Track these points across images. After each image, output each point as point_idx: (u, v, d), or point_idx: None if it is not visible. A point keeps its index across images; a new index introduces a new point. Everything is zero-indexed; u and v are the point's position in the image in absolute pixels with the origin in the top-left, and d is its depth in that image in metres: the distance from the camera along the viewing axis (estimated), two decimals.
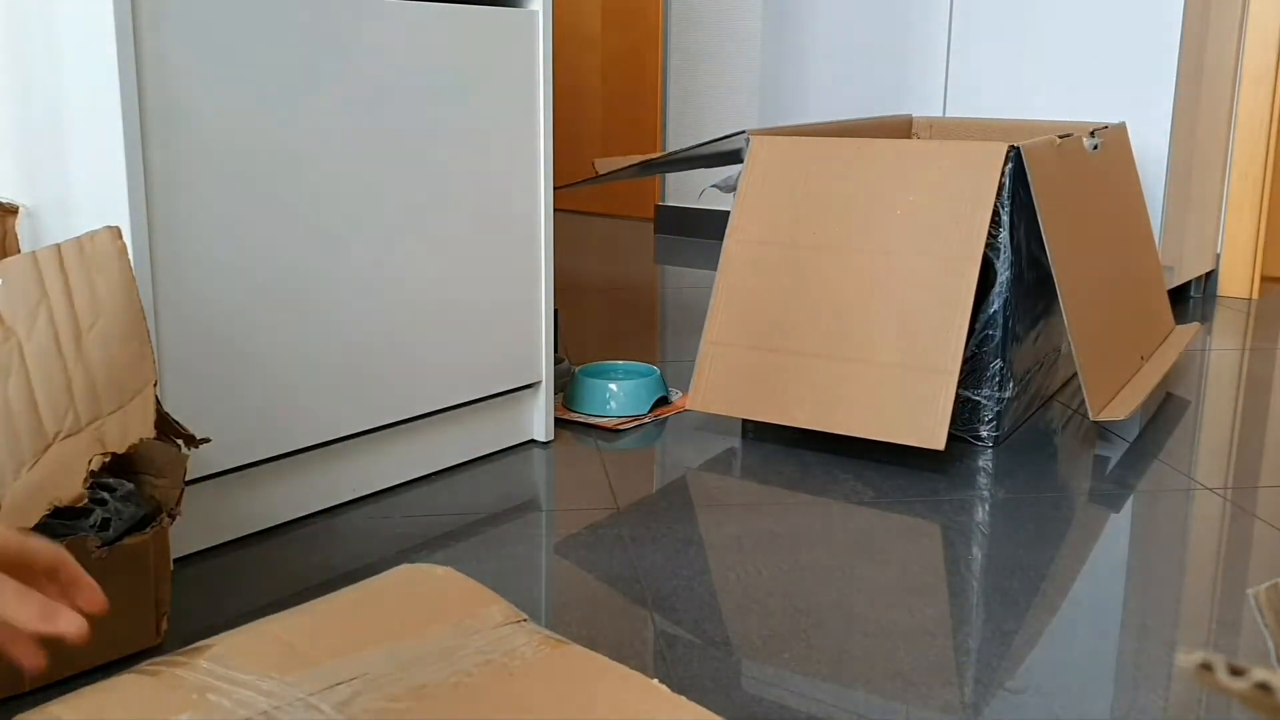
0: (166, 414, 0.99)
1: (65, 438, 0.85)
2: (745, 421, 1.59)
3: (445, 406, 1.36)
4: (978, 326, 1.48)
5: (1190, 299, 2.55)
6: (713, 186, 1.85)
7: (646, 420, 1.62)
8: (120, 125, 1.00)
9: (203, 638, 0.75)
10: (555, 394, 1.56)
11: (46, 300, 0.85)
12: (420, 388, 1.33)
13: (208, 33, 1.06)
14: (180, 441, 1.00)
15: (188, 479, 1.06)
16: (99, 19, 0.99)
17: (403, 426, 1.34)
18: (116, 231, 0.89)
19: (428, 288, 1.32)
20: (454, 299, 1.35)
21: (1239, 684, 0.31)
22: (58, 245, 0.87)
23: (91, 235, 0.89)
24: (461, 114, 1.32)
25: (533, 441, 1.51)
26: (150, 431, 0.90)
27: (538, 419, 1.51)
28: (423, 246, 1.30)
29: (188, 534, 1.14)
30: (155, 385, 0.91)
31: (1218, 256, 2.58)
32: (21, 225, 1.11)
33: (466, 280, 1.36)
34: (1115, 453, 1.51)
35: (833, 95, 2.61)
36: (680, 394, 1.72)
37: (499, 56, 1.36)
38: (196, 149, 1.07)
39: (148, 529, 0.92)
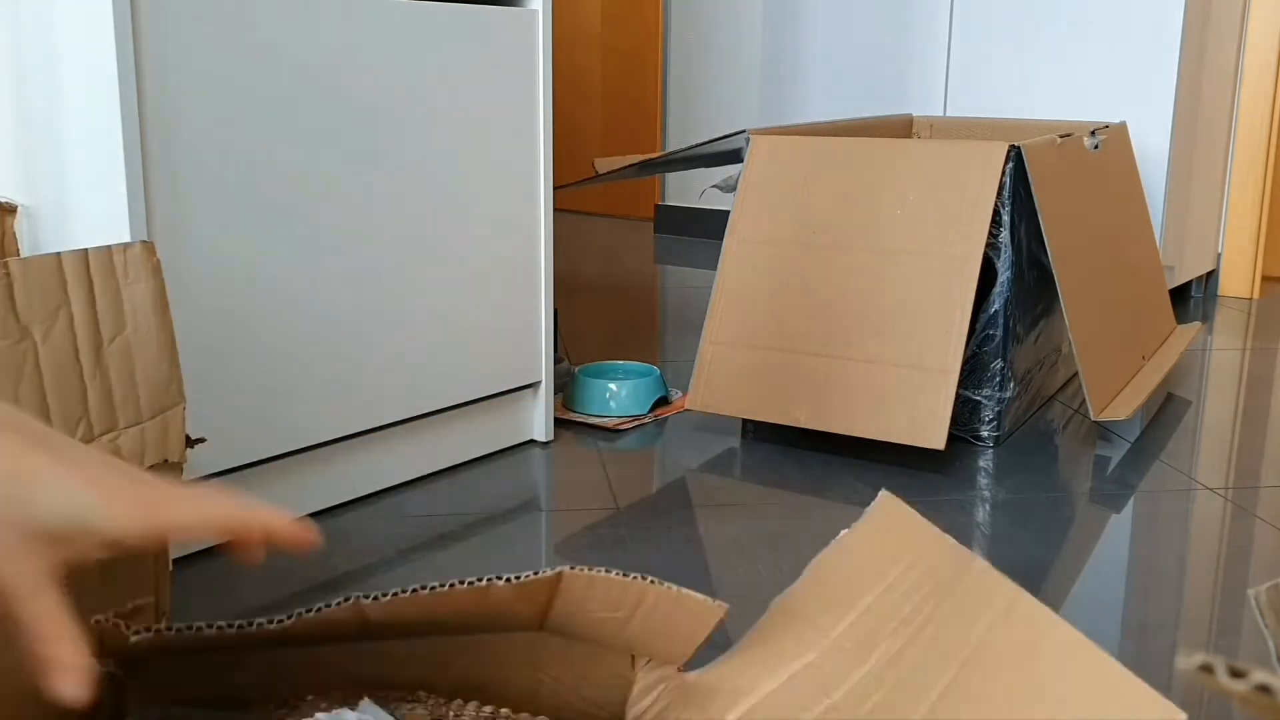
0: None
1: None
2: (745, 421, 1.59)
3: (445, 406, 1.36)
4: (978, 326, 1.48)
5: (1191, 299, 2.54)
6: (713, 187, 1.85)
7: (646, 420, 1.62)
8: (119, 123, 1.00)
9: None
10: (555, 394, 1.56)
11: (67, 304, 0.84)
12: (420, 387, 1.32)
13: (206, 32, 1.06)
14: None
15: (184, 479, 1.06)
16: (98, 18, 0.99)
17: (403, 426, 1.33)
18: (151, 247, 0.88)
19: (427, 287, 1.31)
20: (454, 299, 1.35)
21: (1239, 686, 0.30)
22: (85, 250, 0.86)
23: (124, 246, 0.88)
24: (461, 114, 1.32)
25: (533, 441, 1.51)
26: (179, 456, 0.89)
27: (538, 419, 1.51)
28: (422, 246, 1.30)
29: None
30: (184, 410, 0.90)
31: (1219, 256, 2.57)
32: (20, 224, 1.11)
33: (466, 280, 1.36)
34: (1116, 453, 1.51)
35: (833, 95, 2.61)
36: (680, 394, 1.71)
37: (499, 56, 1.36)
38: (195, 148, 1.07)
39: None
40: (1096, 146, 1.71)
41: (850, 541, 0.74)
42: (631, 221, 3.61)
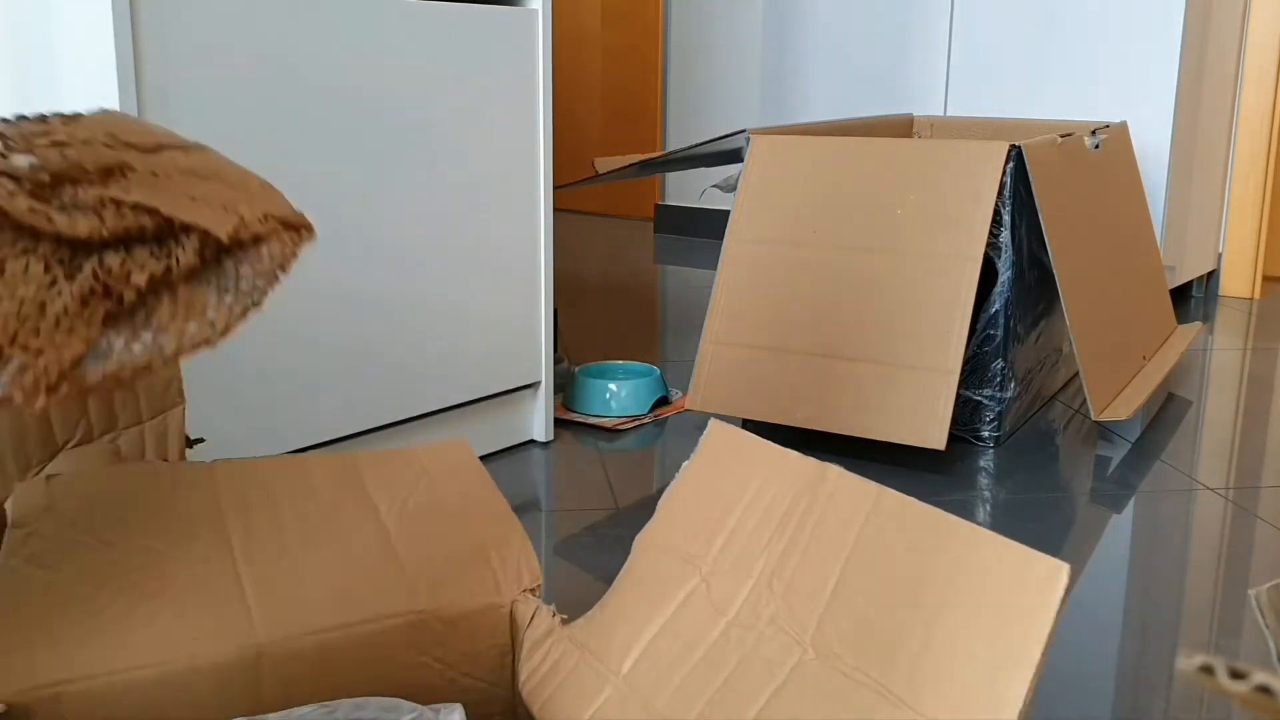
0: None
1: (74, 446, 0.84)
2: (745, 421, 1.58)
3: (445, 406, 1.36)
4: (979, 326, 1.48)
5: (1192, 298, 2.54)
6: (713, 186, 1.85)
7: (646, 420, 1.62)
8: None
9: None
10: (555, 394, 1.56)
11: None
12: (420, 388, 1.32)
13: (207, 33, 1.06)
14: None
15: None
16: (98, 20, 0.99)
17: (402, 426, 1.33)
18: None
19: (427, 288, 1.31)
20: (453, 299, 1.35)
21: (1239, 687, 0.30)
22: None
23: None
24: (460, 113, 1.32)
25: (532, 442, 1.51)
26: (179, 456, 0.89)
27: (537, 419, 1.50)
28: (420, 247, 1.30)
29: None
30: (184, 410, 0.90)
31: (1219, 256, 2.57)
32: None
33: (465, 280, 1.36)
34: (1117, 453, 1.51)
35: (833, 94, 2.60)
36: (680, 394, 1.71)
37: (499, 56, 1.35)
38: None
39: None
40: (1097, 146, 1.71)
41: (694, 472, 0.74)
42: (632, 221, 3.61)
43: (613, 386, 1.63)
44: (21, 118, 0.58)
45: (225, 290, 0.53)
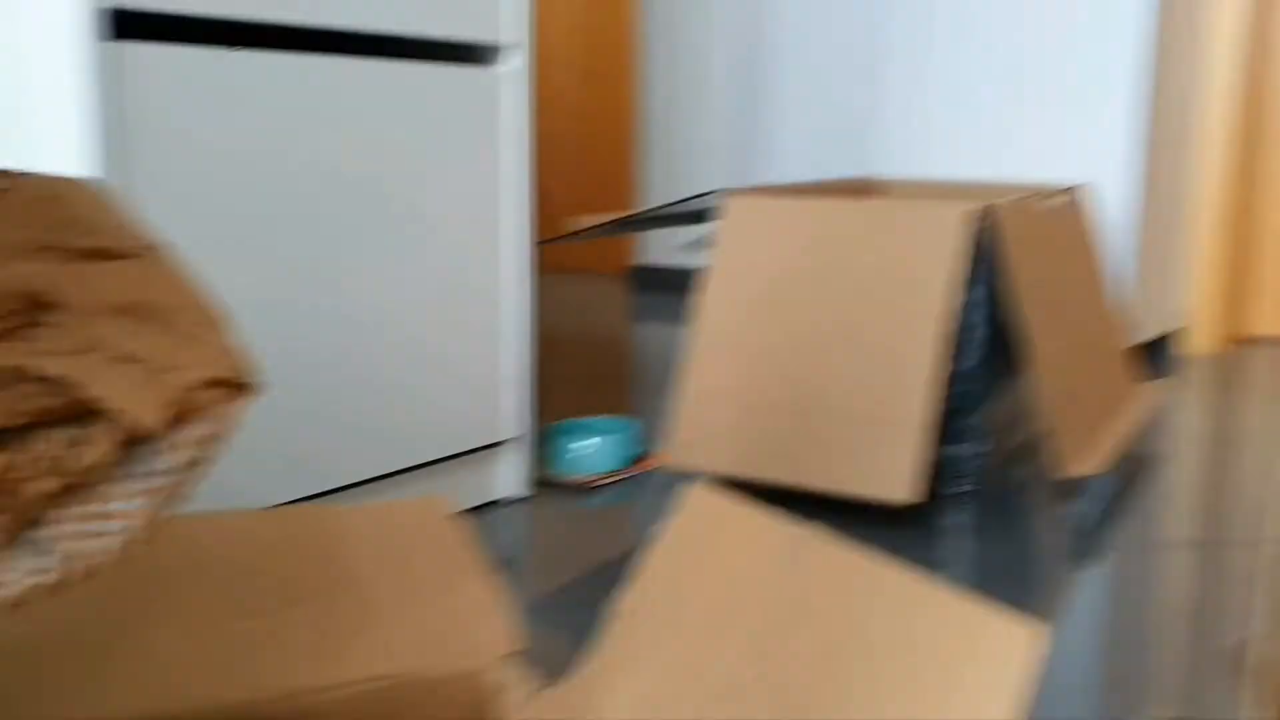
0: None
1: None
2: (721, 477, 1.59)
3: (415, 464, 1.35)
4: (951, 382, 1.49)
5: (1157, 357, 2.57)
6: (685, 246, 1.87)
7: (620, 477, 1.61)
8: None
9: None
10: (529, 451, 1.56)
11: None
12: (389, 445, 1.32)
13: (165, 91, 1.07)
14: None
15: None
16: (77, 56, 1.00)
17: (372, 484, 1.33)
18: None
19: (399, 346, 1.31)
20: (427, 357, 1.35)
21: None
22: None
23: None
24: (435, 171, 1.33)
25: (505, 499, 1.51)
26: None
27: (510, 476, 1.50)
28: (380, 309, 1.30)
29: None
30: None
31: (1183, 315, 2.61)
32: None
33: (441, 339, 1.36)
34: (1088, 509, 1.52)
35: (799, 155, 2.64)
36: (654, 451, 1.71)
37: (474, 115, 1.37)
38: (144, 202, 1.07)
39: None
40: (1061, 207, 1.74)
41: (671, 537, 0.74)
42: (606, 278, 3.62)
43: (586, 443, 1.63)
44: None
45: (137, 478, 0.42)
